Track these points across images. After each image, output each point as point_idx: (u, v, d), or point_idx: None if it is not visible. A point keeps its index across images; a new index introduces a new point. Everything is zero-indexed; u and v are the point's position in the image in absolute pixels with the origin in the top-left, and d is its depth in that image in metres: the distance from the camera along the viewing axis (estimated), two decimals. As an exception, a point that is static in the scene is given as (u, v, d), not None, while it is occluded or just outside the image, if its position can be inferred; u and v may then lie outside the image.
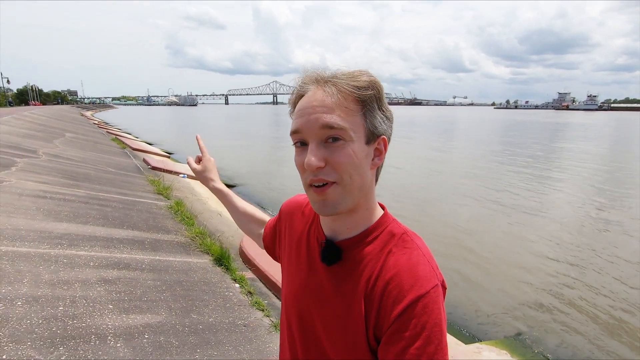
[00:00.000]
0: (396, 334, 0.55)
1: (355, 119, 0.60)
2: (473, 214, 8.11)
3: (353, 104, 0.60)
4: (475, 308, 4.41)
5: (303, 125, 0.60)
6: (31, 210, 4.03)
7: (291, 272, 0.76)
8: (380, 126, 0.63)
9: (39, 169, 6.32)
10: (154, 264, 3.42)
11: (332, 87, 0.60)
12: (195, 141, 1.14)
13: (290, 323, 0.74)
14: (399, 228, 0.66)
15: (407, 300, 0.56)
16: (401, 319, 0.55)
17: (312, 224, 0.75)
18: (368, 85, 0.60)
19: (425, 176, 12.46)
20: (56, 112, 31.20)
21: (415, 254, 0.61)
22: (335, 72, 0.62)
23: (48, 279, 2.69)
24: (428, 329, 0.54)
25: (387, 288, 0.58)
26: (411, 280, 0.57)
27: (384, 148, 0.65)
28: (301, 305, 0.70)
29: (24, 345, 1.96)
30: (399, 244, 0.63)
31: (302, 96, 0.63)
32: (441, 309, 0.57)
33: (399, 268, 0.59)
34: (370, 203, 0.67)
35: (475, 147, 20.95)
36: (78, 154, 9.49)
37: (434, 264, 0.61)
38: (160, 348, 2.24)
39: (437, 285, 0.58)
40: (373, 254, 0.63)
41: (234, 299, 3.16)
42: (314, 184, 0.60)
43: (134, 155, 11.84)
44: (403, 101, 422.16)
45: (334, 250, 0.66)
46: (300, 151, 0.62)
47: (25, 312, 2.24)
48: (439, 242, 6.33)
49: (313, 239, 0.73)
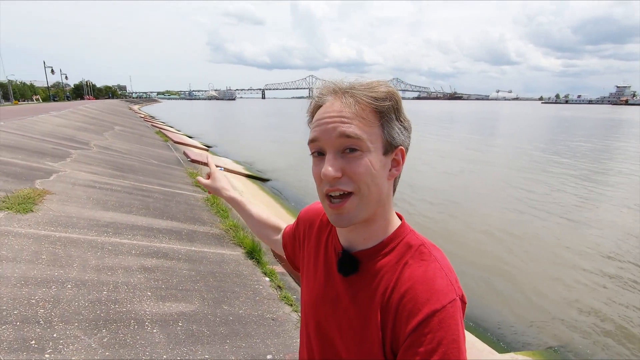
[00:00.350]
0: (411, 349, 0.54)
1: (373, 129, 0.60)
2: (512, 219, 7.71)
3: (371, 114, 0.60)
4: (511, 317, 4.20)
5: (321, 134, 0.60)
6: (82, 199, 4.36)
7: (309, 280, 0.76)
8: (398, 137, 0.62)
9: (90, 160, 6.80)
10: (189, 255, 3.58)
11: (350, 98, 0.60)
12: (232, 136, 1.16)
13: (308, 331, 0.75)
14: (417, 239, 0.65)
15: (422, 314, 0.55)
16: (416, 334, 0.54)
17: (330, 233, 0.75)
18: (386, 96, 0.60)
19: (459, 176, 11.99)
20: (107, 106, 33.38)
21: (432, 267, 0.60)
22: (353, 82, 0.62)
23: (94, 264, 2.90)
24: (445, 345, 0.53)
25: (402, 301, 0.58)
26: (427, 294, 0.56)
27: (402, 159, 0.65)
28: (319, 314, 0.71)
29: (72, 326, 2.13)
30: (416, 255, 0.62)
31: (320, 106, 0.64)
32: (459, 324, 0.55)
33: (414, 281, 0.58)
34: (387, 214, 0.66)
35: (517, 145, 19.71)
36: (125, 146, 10.11)
37: (453, 278, 0.60)
38: (193, 336, 2.35)
39: (455, 299, 0.56)
40: (389, 265, 0.63)
41: (263, 292, 3.23)
42: (330, 194, 0.60)
43: (175, 148, 12.42)
44: (442, 95, 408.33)
45: (351, 261, 0.66)
46: (317, 161, 0.62)
47: (74, 294, 2.43)
48: (472, 246, 6.09)
49: (330, 249, 0.73)
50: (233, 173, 10.20)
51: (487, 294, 4.64)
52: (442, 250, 0.65)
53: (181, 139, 16.91)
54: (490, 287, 4.80)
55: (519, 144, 20.12)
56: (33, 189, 4.16)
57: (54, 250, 2.92)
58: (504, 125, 37.48)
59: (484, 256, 5.74)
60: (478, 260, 5.53)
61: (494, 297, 4.56)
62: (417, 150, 16.46)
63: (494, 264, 5.47)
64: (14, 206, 3.49)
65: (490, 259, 5.64)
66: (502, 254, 5.83)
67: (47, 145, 7.23)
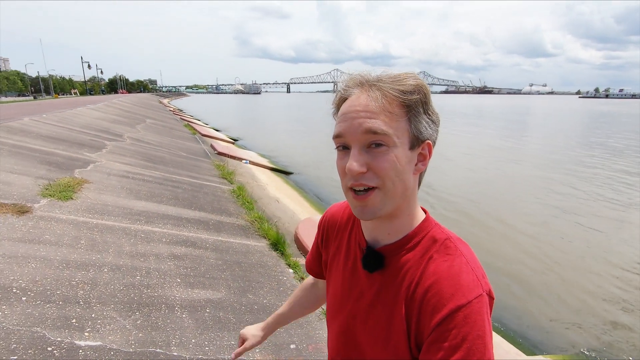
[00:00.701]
0: (435, 344, 0.54)
1: (400, 124, 0.59)
2: (541, 219, 7.41)
3: (398, 108, 0.58)
4: (539, 318, 4.06)
5: (346, 129, 0.59)
6: (117, 188, 4.57)
7: (334, 277, 0.76)
8: (426, 131, 0.61)
9: (124, 151, 7.11)
10: (216, 244, 3.69)
11: (376, 92, 0.59)
12: (256, 130, 1.16)
13: (333, 329, 0.75)
14: (442, 233, 0.64)
15: (446, 309, 0.54)
16: (440, 329, 0.54)
17: (352, 229, 0.75)
18: (414, 89, 0.59)
19: (480, 175, 11.61)
20: (139, 99, 34.61)
21: (457, 262, 0.59)
22: (380, 75, 0.61)
23: (128, 250, 3.05)
24: (469, 341, 0.52)
25: (426, 296, 0.57)
26: (451, 289, 0.55)
27: (429, 153, 0.63)
28: (345, 311, 0.70)
29: (108, 307, 2.25)
30: (441, 250, 0.61)
31: (345, 99, 0.62)
32: (485, 320, 0.54)
33: (438, 275, 0.58)
34: (412, 208, 0.65)
35: (546, 142, 18.73)
36: (156, 138, 10.48)
37: (480, 273, 0.58)
38: (219, 322, 2.43)
39: (482, 295, 0.55)
40: (414, 260, 0.62)
41: (287, 283, 3.29)
42: (354, 188, 0.60)
43: (203, 141, 12.74)
44: (471, 89, 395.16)
45: (375, 257, 0.65)
46: (342, 155, 0.62)
47: (110, 278, 2.57)
48: (498, 245, 5.90)
49: (354, 245, 0.72)
50: (257, 166, 10.36)
51: (514, 294, 4.51)
52: (468, 245, 0.63)
53: (208, 132, 17.32)
54: (517, 287, 4.65)
55: (549, 141, 19.13)
56: (73, 177, 4.41)
57: (91, 236, 3.09)
58: (534, 120, 35.72)
59: (514, 253, 5.56)
60: (504, 260, 5.37)
61: (522, 298, 4.41)
62: (437, 147, 16.08)
63: (524, 261, 5.30)
64: (56, 193, 3.72)
65: (520, 255, 5.46)
66: (530, 255, 5.62)
67: (85, 137, 7.61)
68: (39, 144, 5.80)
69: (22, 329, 1.87)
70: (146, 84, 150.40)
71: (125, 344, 1.98)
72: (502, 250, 5.73)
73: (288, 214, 5.81)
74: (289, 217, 5.55)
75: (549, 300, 4.43)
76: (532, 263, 5.34)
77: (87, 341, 1.92)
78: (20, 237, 2.74)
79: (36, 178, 4.09)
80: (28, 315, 1.98)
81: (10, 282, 2.20)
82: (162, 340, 2.10)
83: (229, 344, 2.24)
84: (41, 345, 1.80)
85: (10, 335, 1.81)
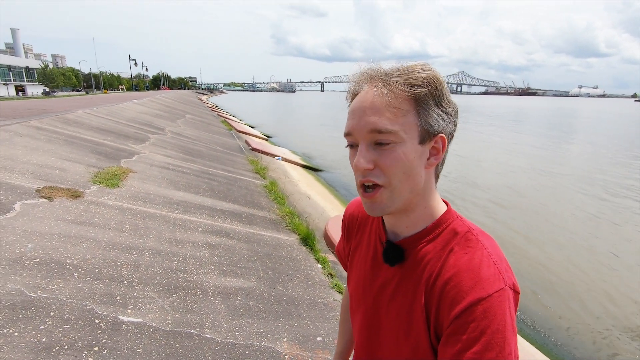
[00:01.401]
0: (453, 336, 0.54)
1: (407, 119, 0.58)
2: (577, 228, 6.96)
3: (405, 103, 0.58)
4: (567, 325, 3.86)
5: (353, 127, 0.60)
6: (158, 178, 4.83)
7: (355, 270, 0.77)
8: (437, 124, 0.60)
9: (165, 144, 7.47)
10: (248, 236, 3.80)
11: (383, 87, 0.58)
12: (290, 127, 1.19)
13: (356, 321, 0.76)
14: (463, 226, 0.63)
15: (465, 301, 0.53)
16: (459, 321, 0.53)
17: (373, 223, 0.75)
18: (423, 82, 0.58)
19: (506, 184, 11.05)
20: (180, 96, 36.13)
21: (478, 254, 0.58)
22: (390, 68, 0.60)
23: (167, 237, 3.22)
24: (488, 335, 0.51)
25: (445, 288, 0.57)
26: (471, 282, 0.55)
27: (442, 146, 0.62)
28: (367, 304, 0.71)
29: (149, 288, 2.40)
30: (462, 242, 0.60)
31: (356, 94, 0.62)
32: (506, 314, 0.53)
33: (458, 268, 0.57)
34: (430, 201, 0.64)
35: (589, 151, 17.26)
36: (194, 133, 10.92)
37: (502, 266, 0.57)
38: (250, 310, 2.52)
39: (504, 288, 0.54)
40: (434, 252, 0.62)
41: (315, 278, 3.34)
42: (364, 184, 0.61)
43: (238, 137, 13.11)
44: (513, 91, 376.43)
45: (396, 250, 0.66)
46: (353, 152, 0.63)
47: (150, 261, 2.73)
48: (528, 249, 5.62)
49: (374, 238, 0.73)
50: (290, 162, 10.52)
51: (542, 298, 4.30)
52: (492, 238, 0.62)
53: (243, 128, 17.79)
54: (547, 292, 4.43)
55: (593, 149, 17.65)
56: (119, 167, 4.71)
57: (135, 222, 3.30)
58: (580, 125, 33.12)
59: (539, 261, 5.28)
60: (532, 264, 5.11)
61: (550, 303, 4.20)
62: (458, 152, 15.51)
63: (553, 270, 5.02)
64: (105, 181, 3.99)
65: (546, 264, 5.18)
66: (562, 261, 5.32)
67: (131, 129, 8.08)
68: (90, 134, 6.24)
69: (74, 302, 2.04)
70: (186, 81, 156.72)
71: (163, 322, 2.10)
72: (528, 255, 5.46)
73: (318, 210, 5.87)
74: (319, 214, 5.60)
75: (579, 308, 4.19)
76: (562, 270, 5.06)
77: (130, 317, 2.06)
78: (73, 219, 2.98)
79: (87, 166, 4.41)
80: (79, 289, 2.16)
81: (64, 259, 2.40)
82: (196, 322, 2.21)
83: (258, 331, 2.31)
84: (89, 317, 1.96)
85: (64, 306, 1.98)
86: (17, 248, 2.37)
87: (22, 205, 2.94)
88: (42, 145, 4.73)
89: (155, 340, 1.95)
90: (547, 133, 25.14)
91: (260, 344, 2.20)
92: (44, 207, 3.02)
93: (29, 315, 1.84)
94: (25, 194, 3.14)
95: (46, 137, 5.13)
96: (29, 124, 5.62)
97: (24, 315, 1.84)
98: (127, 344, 1.87)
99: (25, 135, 4.94)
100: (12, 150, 4.17)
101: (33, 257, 2.32)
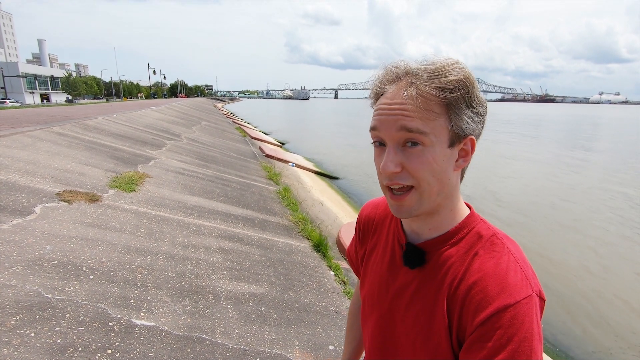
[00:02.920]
0: (478, 343, 0.52)
1: (438, 122, 0.56)
2: (594, 238, 6.71)
3: (436, 106, 0.55)
4: (586, 336, 3.68)
5: (381, 124, 0.58)
6: (173, 183, 4.90)
7: (371, 274, 0.75)
8: (468, 126, 0.58)
9: (180, 150, 7.60)
10: (261, 242, 3.80)
11: (412, 90, 0.55)
12: (304, 134, 1.17)
13: (369, 325, 0.73)
14: (488, 230, 0.61)
15: (492, 307, 0.52)
16: (484, 327, 0.52)
17: (391, 225, 0.73)
18: (455, 85, 0.55)
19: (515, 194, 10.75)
20: (196, 103, 36.85)
21: (505, 259, 0.56)
22: (417, 68, 0.57)
23: (181, 241, 3.25)
24: (515, 342, 0.50)
25: (470, 293, 0.55)
26: (498, 287, 0.53)
27: (471, 149, 0.60)
28: (382, 308, 0.69)
29: (162, 292, 2.41)
30: (487, 246, 0.59)
31: (380, 95, 0.60)
32: (534, 322, 0.51)
33: (484, 272, 0.55)
34: (454, 204, 0.63)
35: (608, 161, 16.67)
36: (209, 139, 11.08)
37: (529, 272, 0.55)
38: (261, 317, 2.50)
39: (531, 295, 0.52)
40: (457, 256, 0.60)
41: (328, 285, 3.30)
42: (391, 186, 0.59)
43: (252, 143, 13.24)
44: (530, 97, 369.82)
45: (417, 253, 0.64)
46: (378, 151, 0.60)
47: (164, 265, 2.75)
48: (547, 258, 5.43)
49: (393, 240, 0.71)
50: (303, 169, 10.54)
51: (561, 310, 4.13)
52: (517, 243, 0.60)
53: (258, 135, 17.98)
54: (566, 304, 4.25)
55: (612, 160, 16.92)
56: (136, 172, 4.80)
57: (150, 226, 3.34)
58: (600, 134, 31.93)
59: (559, 271, 5.09)
60: (553, 273, 4.93)
61: (569, 314, 4.03)
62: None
63: (573, 281, 4.83)
64: (122, 185, 4.07)
65: (567, 275, 4.99)
66: (581, 271, 5.11)
67: (148, 135, 8.25)
68: (109, 140, 6.40)
69: (89, 304, 2.06)
70: (203, 88, 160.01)
71: (175, 327, 2.10)
72: (549, 264, 5.28)
73: (331, 217, 5.84)
74: (332, 220, 5.57)
75: (598, 320, 4.00)
76: (582, 281, 4.86)
77: (143, 321, 2.07)
78: (91, 222, 3.04)
79: (105, 171, 4.51)
80: (94, 292, 2.18)
81: (81, 261, 2.44)
82: (208, 327, 2.20)
83: (270, 338, 2.29)
84: (104, 320, 1.98)
85: (79, 308, 2.01)
86: (37, 250, 2.42)
87: (43, 208, 3.01)
88: (63, 150, 4.87)
89: (167, 345, 1.95)
90: (566, 141, 24.49)
91: (271, 351, 2.17)
92: (63, 210, 3.09)
93: (45, 317, 1.87)
94: (46, 197, 3.23)
95: (67, 143, 5.28)
96: (52, 129, 5.80)
97: (40, 316, 1.87)
98: (139, 347, 1.87)
99: (47, 140, 5.10)
100: (35, 155, 4.30)
101: (51, 259, 2.36)
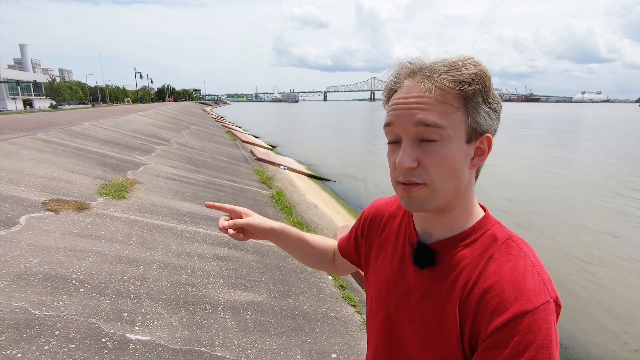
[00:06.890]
0: (493, 350, 0.50)
1: (456, 116, 0.55)
2: (603, 242, 6.82)
3: (454, 100, 0.54)
4: (598, 344, 3.69)
5: (396, 119, 0.57)
6: (164, 189, 4.78)
7: (379, 272, 0.72)
8: (485, 122, 0.57)
9: (171, 155, 7.46)
10: (257, 247, 3.72)
11: (429, 83, 0.54)
12: (295, 135, 1.09)
13: (375, 325, 0.71)
14: (503, 232, 0.59)
15: (509, 313, 0.50)
16: (500, 334, 0.50)
17: (402, 222, 0.71)
18: (473, 78, 0.54)
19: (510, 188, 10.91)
20: (184, 107, 36.44)
21: (522, 263, 0.54)
22: (433, 63, 0.56)
23: (175, 249, 3.15)
24: (533, 350, 0.48)
25: (485, 297, 0.53)
26: (515, 292, 0.51)
27: (488, 147, 0.59)
28: (389, 307, 0.66)
29: (156, 303, 2.32)
30: (502, 249, 0.57)
31: (396, 90, 0.59)
32: (552, 329, 0.50)
33: (500, 276, 0.54)
34: (469, 203, 0.61)
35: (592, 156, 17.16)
36: (199, 143, 10.92)
37: (546, 277, 0.54)
38: (261, 326, 2.42)
39: (549, 301, 0.51)
40: (471, 258, 0.58)
41: (326, 290, 3.23)
42: (403, 182, 0.57)
43: (243, 147, 13.12)
44: (516, 97, 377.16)
45: (428, 253, 0.61)
46: (393, 149, 0.59)
47: (158, 275, 2.65)
48: (556, 262, 5.48)
49: (404, 239, 0.68)
50: (295, 172, 10.46)
51: (573, 315, 4.14)
52: (532, 247, 0.58)
53: (248, 138, 17.83)
54: (577, 309, 4.28)
55: (595, 154, 17.36)
56: (125, 178, 4.67)
57: (141, 234, 3.23)
58: (583, 131, 32.68)
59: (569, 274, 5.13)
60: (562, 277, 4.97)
61: (581, 321, 4.05)
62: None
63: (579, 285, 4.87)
64: (111, 193, 3.94)
65: (573, 279, 5.03)
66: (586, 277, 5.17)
67: (136, 141, 8.08)
68: (97, 146, 6.23)
69: (80, 319, 1.96)
70: (191, 92, 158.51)
71: (172, 340, 2.01)
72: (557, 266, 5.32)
73: (326, 220, 5.78)
74: (327, 223, 5.51)
75: (609, 326, 4.03)
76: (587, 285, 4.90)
77: (137, 335, 1.97)
78: (79, 232, 2.92)
79: (94, 178, 4.37)
80: (85, 306, 2.08)
81: (70, 274, 2.33)
82: (206, 339, 2.12)
83: (270, 348, 2.21)
84: (96, 336, 1.88)
85: (69, 324, 1.90)
86: (22, 263, 2.30)
87: (28, 219, 2.89)
88: (49, 157, 4.71)
89: (164, 360, 1.86)
90: (554, 139, 24.97)
91: (273, 362, 2.10)
92: (49, 221, 2.96)
93: (32, 335, 1.77)
94: (31, 207, 3.10)
95: (52, 150, 5.12)
96: (36, 136, 5.62)
97: (27, 334, 1.76)
98: (135, 364, 1.78)
99: (31, 147, 4.92)
100: (19, 163, 4.14)
101: (38, 273, 2.25)
